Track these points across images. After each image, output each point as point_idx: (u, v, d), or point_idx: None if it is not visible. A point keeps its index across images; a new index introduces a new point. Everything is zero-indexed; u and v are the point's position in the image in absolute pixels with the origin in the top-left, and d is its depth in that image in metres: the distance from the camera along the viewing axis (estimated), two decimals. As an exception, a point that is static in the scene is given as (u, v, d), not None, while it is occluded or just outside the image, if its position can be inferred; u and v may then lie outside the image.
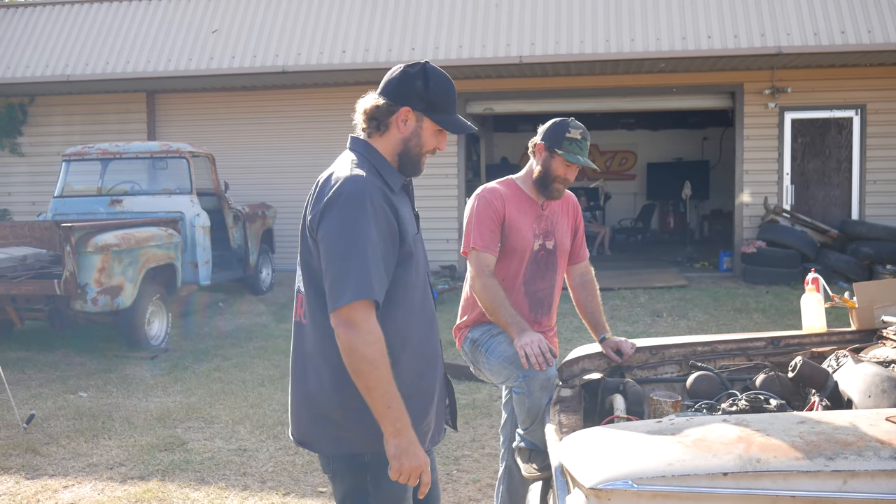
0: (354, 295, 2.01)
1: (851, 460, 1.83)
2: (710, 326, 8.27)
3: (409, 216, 2.24)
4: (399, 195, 2.22)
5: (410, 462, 2.08)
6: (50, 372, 7.12)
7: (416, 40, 11.43)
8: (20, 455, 4.95)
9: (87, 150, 9.64)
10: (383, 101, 2.21)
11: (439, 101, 2.21)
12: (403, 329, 2.18)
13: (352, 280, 2.02)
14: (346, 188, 2.09)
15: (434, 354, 2.31)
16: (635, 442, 2.01)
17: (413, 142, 2.22)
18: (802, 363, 2.71)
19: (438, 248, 12.06)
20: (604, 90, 12.15)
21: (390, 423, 2.05)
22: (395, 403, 2.05)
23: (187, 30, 12.21)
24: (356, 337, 2.01)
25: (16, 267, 7.77)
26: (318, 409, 2.20)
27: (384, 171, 2.20)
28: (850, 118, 11.53)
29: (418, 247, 2.24)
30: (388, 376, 2.04)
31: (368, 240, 2.04)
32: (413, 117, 2.20)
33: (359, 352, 2.01)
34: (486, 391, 6.07)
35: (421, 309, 2.25)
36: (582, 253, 3.48)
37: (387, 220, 2.10)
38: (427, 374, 2.27)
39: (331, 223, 2.08)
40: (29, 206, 13.14)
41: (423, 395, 2.25)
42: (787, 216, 11.27)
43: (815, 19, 10.58)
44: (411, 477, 2.10)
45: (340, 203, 2.08)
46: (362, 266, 2.03)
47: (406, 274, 2.17)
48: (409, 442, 2.08)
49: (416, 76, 2.20)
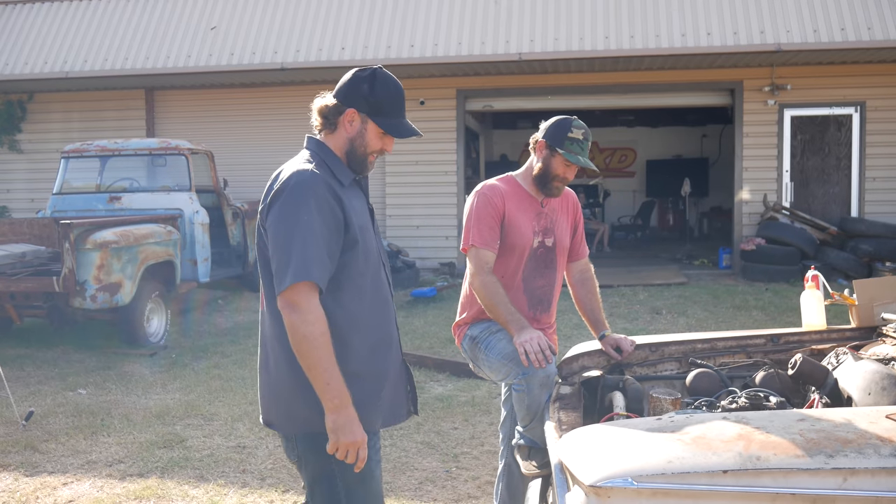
0: (294, 277, 2.16)
1: (852, 458, 1.83)
2: (710, 324, 8.27)
3: (360, 208, 2.38)
4: (350, 189, 2.37)
5: (346, 437, 2.20)
6: (49, 369, 7.12)
7: (414, 37, 11.42)
8: (19, 452, 4.95)
9: (85, 147, 9.62)
10: (333, 101, 2.37)
11: (384, 105, 2.34)
12: (352, 311, 2.32)
13: (293, 264, 2.17)
14: (292, 181, 2.25)
15: (388, 339, 2.44)
16: (635, 439, 2.01)
17: (358, 142, 2.36)
18: (802, 360, 2.71)
19: (438, 245, 12.07)
20: (603, 87, 12.14)
21: (329, 399, 2.18)
22: (334, 381, 2.17)
23: (186, 26, 12.19)
24: (297, 317, 2.16)
25: (14, 264, 7.77)
26: (276, 390, 2.36)
27: (334, 167, 2.35)
28: (849, 115, 11.53)
29: (368, 237, 2.37)
30: (327, 355, 2.17)
31: (311, 227, 2.19)
32: (358, 119, 2.35)
33: (300, 332, 2.16)
34: (486, 388, 6.07)
35: (372, 294, 2.38)
36: (582, 250, 3.47)
37: (331, 210, 2.24)
38: (379, 357, 2.40)
39: (277, 213, 2.24)
40: (28, 203, 13.13)
41: (374, 377, 2.37)
42: (787, 213, 11.27)
43: (815, 16, 10.57)
44: (349, 453, 2.22)
45: (286, 194, 2.24)
46: (303, 251, 2.17)
47: (353, 260, 2.31)
48: (347, 418, 2.20)
49: (364, 80, 2.35)
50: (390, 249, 10.90)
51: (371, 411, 2.34)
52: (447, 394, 6.04)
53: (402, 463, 4.66)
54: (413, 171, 12.28)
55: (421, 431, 5.18)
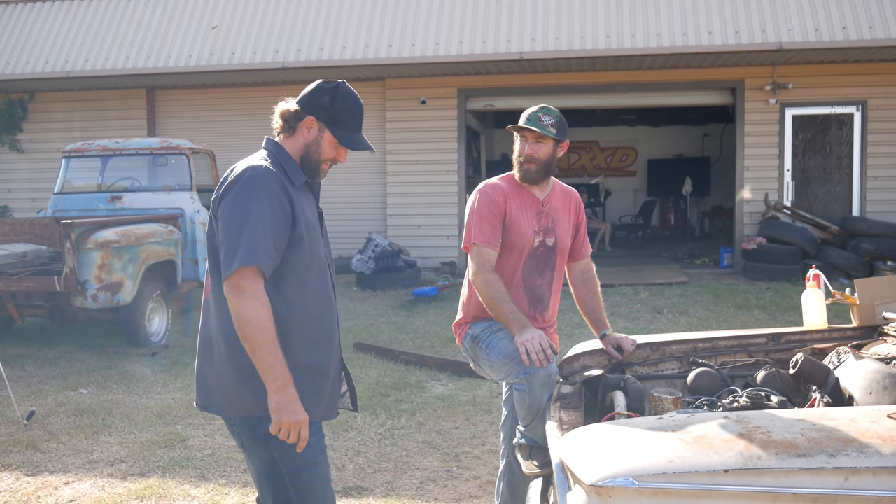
0: (241, 262, 2.26)
1: (853, 457, 1.83)
2: (711, 323, 8.26)
3: (309, 209, 2.50)
4: (301, 190, 2.49)
5: (289, 417, 2.28)
6: (50, 369, 7.12)
7: (416, 36, 11.41)
8: (21, 452, 4.95)
9: (87, 147, 9.62)
10: (296, 107, 2.49)
11: (342, 117, 2.47)
12: (294, 304, 2.41)
13: (240, 250, 2.27)
14: (247, 174, 2.38)
15: (328, 336, 2.51)
16: (636, 439, 2.01)
17: (313, 148, 2.49)
18: (803, 360, 2.71)
19: (439, 244, 12.07)
20: (604, 86, 12.13)
21: (272, 379, 2.27)
22: (277, 363, 2.27)
23: (187, 26, 12.20)
24: (242, 301, 2.26)
25: (16, 263, 7.77)
26: (219, 375, 2.44)
27: (288, 168, 2.47)
28: (850, 114, 11.52)
29: (315, 236, 2.48)
30: (271, 338, 2.26)
31: (260, 217, 2.30)
32: (316, 127, 2.48)
33: (245, 315, 2.25)
34: (487, 388, 6.07)
35: (316, 291, 2.47)
36: (584, 250, 3.47)
37: (280, 204, 2.35)
38: (319, 352, 2.48)
39: (229, 203, 2.35)
40: (29, 203, 13.14)
41: (314, 371, 2.46)
42: (788, 212, 11.26)
43: (816, 15, 10.56)
44: (291, 432, 2.30)
45: (239, 186, 2.36)
46: (251, 239, 2.28)
47: (297, 255, 2.41)
48: (289, 398, 2.29)
49: (327, 92, 2.47)
50: (391, 249, 10.90)
51: (309, 402, 2.39)
52: (448, 393, 6.04)
53: (403, 462, 4.66)
54: (414, 170, 12.28)
55: (422, 431, 5.18)
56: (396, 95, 12.33)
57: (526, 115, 3.24)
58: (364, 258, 10.84)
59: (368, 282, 10.69)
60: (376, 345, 7.49)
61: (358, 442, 5.00)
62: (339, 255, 12.13)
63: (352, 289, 10.78)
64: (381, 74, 12.15)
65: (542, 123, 3.18)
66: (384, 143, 12.41)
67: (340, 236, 12.47)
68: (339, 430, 5.20)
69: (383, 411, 5.58)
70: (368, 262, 10.79)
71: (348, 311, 9.48)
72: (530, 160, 3.21)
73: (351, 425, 5.28)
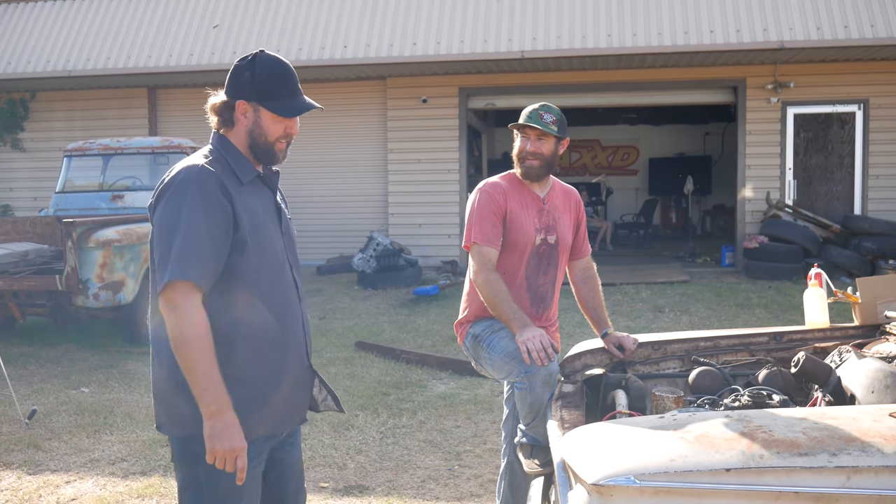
0: (172, 275, 2.08)
1: (855, 456, 1.82)
2: (713, 322, 8.26)
3: (259, 207, 2.28)
4: (251, 187, 2.28)
5: (223, 445, 2.09)
6: (52, 367, 7.13)
7: (417, 35, 11.41)
8: (22, 450, 4.95)
9: (88, 146, 9.63)
10: (223, 97, 2.28)
11: (270, 88, 2.23)
12: (240, 314, 2.21)
13: (172, 263, 2.09)
14: (180, 176, 2.18)
15: (283, 344, 2.30)
16: (638, 438, 2.00)
17: (256, 132, 2.26)
18: (805, 359, 2.70)
19: (440, 243, 12.08)
20: (606, 85, 12.13)
21: (206, 404, 2.09)
22: (212, 385, 2.08)
23: (188, 25, 12.20)
24: (175, 318, 2.08)
25: (17, 262, 7.77)
26: (158, 390, 2.29)
27: (235, 163, 2.26)
28: (852, 113, 11.51)
29: (265, 236, 2.26)
30: (205, 358, 2.08)
31: (193, 225, 2.10)
32: (250, 109, 2.25)
33: (177, 332, 2.08)
34: (488, 386, 6.07)
35: (268, 298, 2.26)
36: (584, 248, 3.47)
37: (219, 206, 2.15)
38: (270, 361, 2.27)
39: (161, 209, 2.17)
40: (30, 202, 13.15)
41: (263, 382, 2.26)
42: (790, 211, 11.25)
43: (818, 13, 10.55)
44: (227, 461, 2.11)
45: (172, 190, 2.16)
46: (183, 249, 2.09)
47: (241, 261, 2.20)
48: (225, 425, 2.09)
49: (245, 68, 2.24)
50: (393, 248, 10.90)
51: (254, 418, 2.22)
52: (449, 392, 6.04)
53: (404, 461, 4.66)
54: (415, 169, 12.28)
55: (423, 430, 5.18)
56: (398, 94, 12.32)
57: (527, 113, 3.24)
58: (365, 257, 10.85)
59: (370, 280, 10.70)
60: (378, 343, 7.49)
61: (359, 440, 5.00)
62: (340, 254, 12.16)
63: (353, 287, 10.79)
64: (383, 73, 12.15)
65: (544, 121, 3.18)
66: (385, 142, 12.42)
67: (342, 235, 12.49)
68: (340, 428, 5.20)
69: (384, 410, 5.58)
70: (370, 260, 10.79)
71: (350, 309, 9.48)
72: (533, 157, 3.21)
73: (352, 424, 5.28)
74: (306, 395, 2.44)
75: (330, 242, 12.51)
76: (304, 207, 12.57)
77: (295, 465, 2.49)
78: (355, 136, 12.57)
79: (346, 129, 12.55)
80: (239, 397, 2.15)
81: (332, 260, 12.09)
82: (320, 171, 12.62)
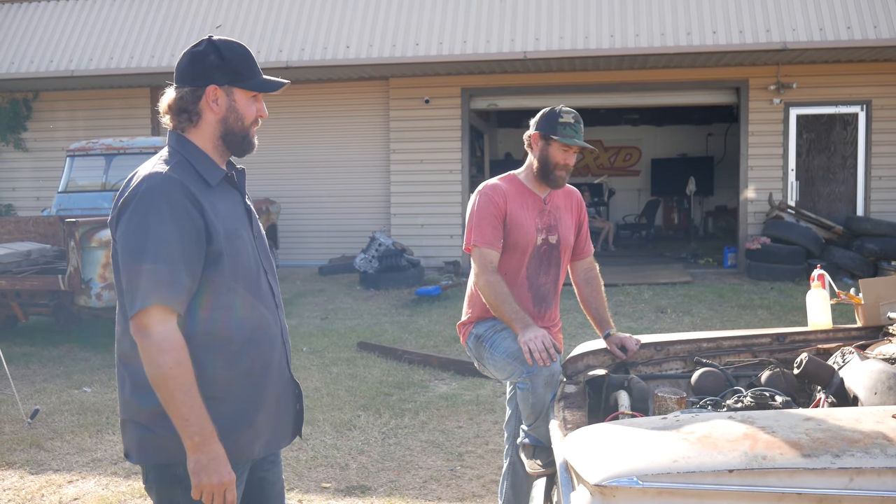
0: (145, 300, 1.91)
1: (858, 458, 1.82)
2: (715, 323, 8.25)
3: (228, 212, 2.11)
4: (220, 189, 2.12)
5: (210, 479, 1.95)
6: (54, 367, 7.14)
7: (419, 35, 11.41)
8: (24, 450, 4.96)
9: (91, 146, 9.65)
10: (185, 89, 2.07)
11: (241, 67, 2.09)
12: (217, 332, 2.05)
13: (143, 285, 1.92)
14: (142, 186, 1.98)
15: (265, 360, 2.15)
16: (640, 439, 2.00)
17: (232, 118, 2.10)
18: (808, 360, 2.70)
19: (442, 243, 12.08)
20: (608, 86, 12.12)
21: (188, 436, 1.93)
22: (194, 415, 1.92)
23: (191, 25, 12.21)
24: (150, 345, 1.91)
25: (20, 262, 7.78)
26: (127, 414, 2.09)
27: (199, 165, 2.09)
28: (855, 114, 11.49)
29: (238, 244, 2.10)
30: (185, 386, 1.92)
31: (163, 242, 1.93)
32: (222, 93, 2.08)
33: (153, 361, 1.91)
34: (490, 387, 6.07)
35: (246, 312, 2.10)
36: (587, 249, 3.47)
37: (189, 218, 1.97)
38: (253, 380, 2.12)
39: (125, 224, 1.98)
40: (33, 202, 13.17)
41: (243, 402, 2.11)
42: (792, 212, 11.24)
43: (821, 15, 10.54)
44: (215, 496, 1.97)
45: (135, 203, 1.97)
46: (154, 270, 1.92)
47: (216, 276, 2.04)
48: (211, 458, 1.95)
49: (208, 52, 2.07)
50: (395, 248, 10.90)
51: (239, 440, 2.09)
52: (452, 392, 6.04)
53: (406, 461, 4.66)
54: (417, 169, 12.28)
55: (425, 430, 5.18)
56: (400, 94, 12.33)
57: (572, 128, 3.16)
58: (367, 257, 10.85)
59: (372, 281, 10.70)
60: (380, 344, 7.49)
61: (361, 441, 5.00)
62: (342, 254, 12.15)
63: (355, 288, 10.79)
64: (385, 74, 12.15)
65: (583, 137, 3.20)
66: (388, 143, 12.42)
67: (344, 235, 12.50)
68: (342, 429, 5.20)
69: (386, 410, 5.59)
70: (372, 261, 10.79)
71: (351, 310, 9.48)
72: (567, 169, 3.23)
73: (354, 424, 5.29)
74: (290, 409, 2.29)
75: (332, 242, 12.51)
76: (306, 207, 12.58)
77: (277, 483, 2.36)
78: (357, 136, 12.58)
79: (349, 129, 12.56)
80: (223, 419, 2.02)
81: (334, 260, 12.10)
82: (322, 171, 12.63)
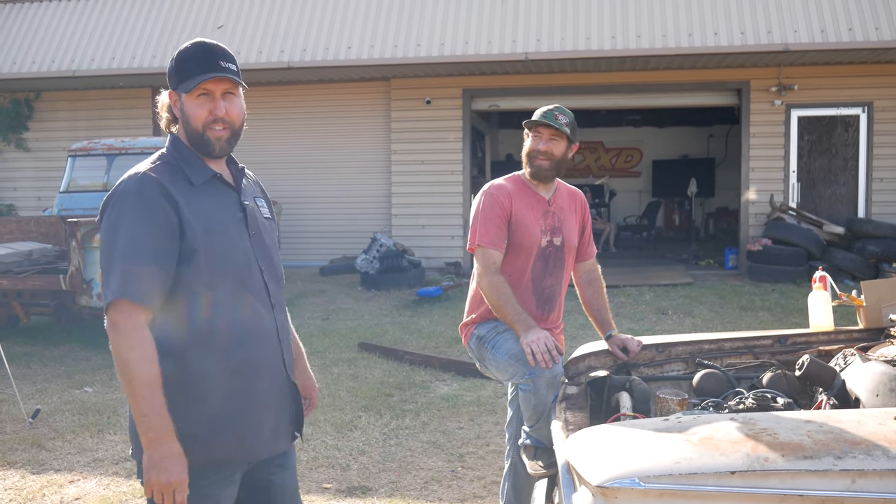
0: (113, 294, 1.96)
1: (860, 459, 1.82)
2: (716, 324, 8.25)
3: (218, 208, 2.14)
4: (208, 187, 2.15)
5: (160, 477, 1.93)
6: (55, 367, 7.14)
7: (420, 36, 11.42)
8: (26, 450, 4.96)
9: (92, 146, 9.66)
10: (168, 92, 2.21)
11: (184, 70, 2.12)
12: (198, 329, 2.05)
13: (113, 280, 1.96)
14: (120, 186, 2.08)
15: (252, 359, 2.13)
16: (642, 440, 2.00)
17: (184, 122, 2.16)
18: (810, 362, 2.70)
19: (443, 244, 12.08)
20: (609, 87, 12.12)
21: (144, 431, 1.94)
22: (152, 411, 1.93)
23: (193, 25, 12.21)
24: (116, 339, 1.96)
25: (21, 262, 7.79)
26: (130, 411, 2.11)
27: (186, 164, 2.14)
28: (857, 116, 11.49)
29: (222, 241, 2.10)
30: (146, 382, 1.93)
31: (134, 238, 1.98)
32: (175, 96, 2.17)
33: (118, 355, 1.96)
34: (492, 388, 6.07)
35: (226, 306, 2.09)
36: (589, 250, 3.47)
37: (162, 215, 2.02)
38: (240, 380, 2.10)
39: (104, 223, 2.06)
40: (35, 202, 13.18)
41: (231, 402, 2.09)
42: (793, 214, 11.24)
43: (823, 16, 10.54)
44: (164, 495, 1.95)
45: (112, 202, 2.07)
46: (124, 265, 1.96)
47: (192, 271, 2.05)
48: (163, 455, 1.94)
49: (172, 60, 2.16)
50: (396, 249, 10.91)
51: (226, 441, 2.08)
52: (453, 393, 6.04)
53: (407, 462, 4.66)
54: (419, 170, 12.28)
55: (427, 431, 5.18)
56: (401, 95, 12.33)
57: (541, 112, 3.23)
58: (368, 258, 10.85)
59: (373, 282, 10.70)
60: (381, 345, 7.49)
61: (362, 441, 5.00)
62: (343, 255, 12.15)
63: (356, 288, 10.79)
64: (387, 74, 12.15)
65: (559, 121, 3.18)
66: (389, 143, 12.42)
67: (345, 236, 12.50)
68: (343, 429, 5.20)
69: (388, 411, 5.59)
70: (373, 261, 10.80)
71: (353, 310, 9.48)
72: (543, 156, 3.21)
73: (355, 425, 5.29)
74: (286, 413, 2.24)
75: (333, 243, 12.51)
76: (307, 208, 12.58)
77: (286, 487, 2.31)
78: (359, 137, 12.58)
79: (350, 130, 12.56)
80: (208, 419, 2.03)
81: (335, 261, 12.10)
82: (323, 171, 12.63)
